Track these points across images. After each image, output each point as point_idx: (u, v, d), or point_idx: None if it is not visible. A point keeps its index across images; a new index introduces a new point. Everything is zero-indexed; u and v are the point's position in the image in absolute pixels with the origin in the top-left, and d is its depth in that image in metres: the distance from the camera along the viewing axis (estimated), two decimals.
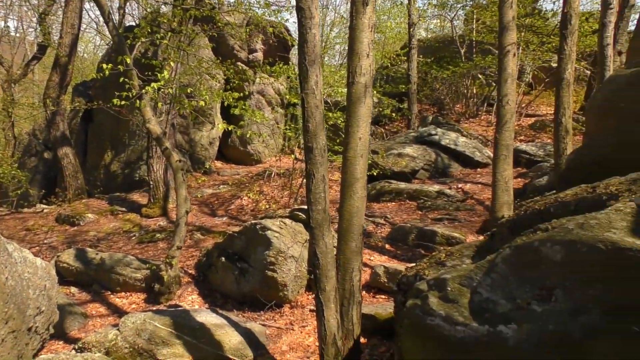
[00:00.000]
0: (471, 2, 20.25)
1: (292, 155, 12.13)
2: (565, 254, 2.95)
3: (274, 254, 7.61)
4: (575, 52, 7.60)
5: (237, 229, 10.46)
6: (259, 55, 17.57)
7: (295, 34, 16.23)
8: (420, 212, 10.78)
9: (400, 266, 7.75)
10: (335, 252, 5.77)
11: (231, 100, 8.88)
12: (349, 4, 5.81)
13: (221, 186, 15.03)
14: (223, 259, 8.38)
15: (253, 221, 8.33)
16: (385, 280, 7.65)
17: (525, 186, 10.35)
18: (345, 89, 13.30)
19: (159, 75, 7.88)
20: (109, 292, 8.83)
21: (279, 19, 10.34)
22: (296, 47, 22.76)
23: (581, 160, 4.71)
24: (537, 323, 2.99)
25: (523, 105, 18.11)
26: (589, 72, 20.17)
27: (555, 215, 3.65)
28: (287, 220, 8.15)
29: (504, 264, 3.32)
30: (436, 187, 11.74)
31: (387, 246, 9.33)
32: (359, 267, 5.77)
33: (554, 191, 8.76)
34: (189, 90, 8.74)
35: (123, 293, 8.78)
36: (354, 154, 5.73)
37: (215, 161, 17.44)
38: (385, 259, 8.78)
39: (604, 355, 2.85)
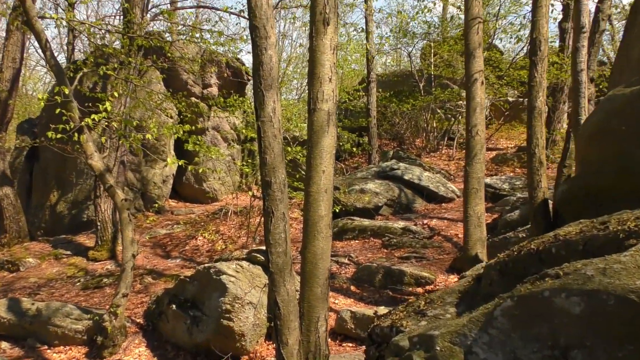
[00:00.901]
0: (430, 36, 20.21)
1: (250, 192, 11.48)
2: (585, 306, 2.40)
3: (230, 301, 6.91)
4: (545, 79, 7.27)
5: (190, 272, 9.73)
6: (214, 90, 16.98)
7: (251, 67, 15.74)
8: (385, 250, 10.23)
9: (368, 310, 7.15)
10: (298, 300, 5.14)
11: (182, 133, 8.24)
12: (309, 25, 5.31)
13: (175, 226, 14.24)
14: (174, 306, 7.63)
15: (207, 265, 7.63)
16: (353, 326, 7.03)
17: (495, 221, 9.93)
18: (305, 124, 12.76)
19: (100, 106, 7.22)
20: (46, 347, 7.98)
21: (233, 48, 9.81)
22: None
23: (575, 192, 4.24)
24: None
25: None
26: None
27: (558, 257, 3.13)
28: (244, 263, 7.47)
29: (504, 317, 2.75)
30: (401, 224, 11.23)
31: (352, 288, 8.73)
32: (325, 315, 5.15)
33: (529, 225, 8.34)
34: (135, 124, 8.08)
35: (62, 347, 7.93)
36: (318, 189, 5.16)
37: (170, 200, 16.61)
38: (351, 302, 8.18)
39: None
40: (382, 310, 7.22)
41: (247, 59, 49.31)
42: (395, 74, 21.47)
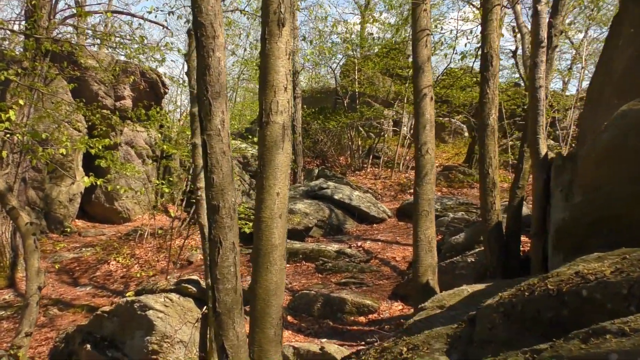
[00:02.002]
0: (351, 53, 19.92)
1: (172, 212, 10.55)
2: None
3: (157, 340, 6.03)
4: (497, 95, 6.93)
5: (103, 301, 8.73)
6: (127, 102, 15.83)
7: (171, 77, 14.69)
8: (320, 275, 9.60)
9: (313, 346, 6.46)
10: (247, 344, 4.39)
11: (99, 148, 7.26)
12: (261, 27, 4.64)
13: (84, 249, 12.95)
14: (88, 346, 6.62)
15: (129, 298, 6.68)
16: None
17: (437, 244, 9.51)
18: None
19: (2, 116, 6.17)
20: None
21: (158, 56, 8.89)
22: (169, 95, 20.85)
23: (578, 220, 3.80)
24: None
25: (408, 158, 17.81)
26: (464, 125, 20.53)
27: (592, 301, 2.61)
28: (174, 296, 6.58)
29: None
30: (335, 246, 10.64)
31: (289, 318, 8.03)
32: None
33: (476, 249, 7.98)
34: (43, 136, 7.04)
35: None
36: (271, 214, 4.48)
37: (77, 220, 15.19)
38: (289, 334, 7.47)
39: None
40: (327, 344, 6.58)
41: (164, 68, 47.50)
42: (318, 91, 21.07)
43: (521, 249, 7.21)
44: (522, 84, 19.56)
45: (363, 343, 6.83)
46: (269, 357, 4.38)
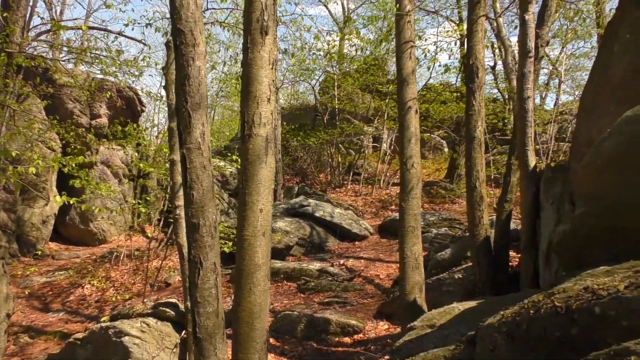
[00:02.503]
0: (330, 70, 19.79)
1: (149, 232, 10.22)
2: None
3: None
4: (483, 107, 6.82)
5: (78, 328, 8.38)
6: (103, 120, 15.49)
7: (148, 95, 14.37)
8: (302, 295, 9.33)
9: None
10: None
11: (73, 166, 6.96)
12: (243, 35, 4.44)
13: (57, 273, 12.52)
14: None
15: (104, 324, 6.35)
16: None
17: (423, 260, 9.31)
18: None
19: None
20: None
21: (135, 71, 8.62)
22: (145, 114, 20.55)
23: (576, 232, 3.63)
24: None
25: (388, 174, 17.67)
26: (444, 140, 20.52)
27: (606, 318, 2.41)
28: (151, 320, 6.26)
29: None
30: (317, 265, 10.39)
31: (271, 340, 7.73)
32: None
33: (463, 265, 7.78)
34: (14, 154, 6.73)
35: None
36: (254, 232, 4.24)
37: (50, 242, 14.73)
38: (272, 358, 7.18)
39: None
40: None
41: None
42: (298, 108, 20.94)
43: (510, 263, 7.05)
44: (501, 99, 19.61)
45: None
46: None
